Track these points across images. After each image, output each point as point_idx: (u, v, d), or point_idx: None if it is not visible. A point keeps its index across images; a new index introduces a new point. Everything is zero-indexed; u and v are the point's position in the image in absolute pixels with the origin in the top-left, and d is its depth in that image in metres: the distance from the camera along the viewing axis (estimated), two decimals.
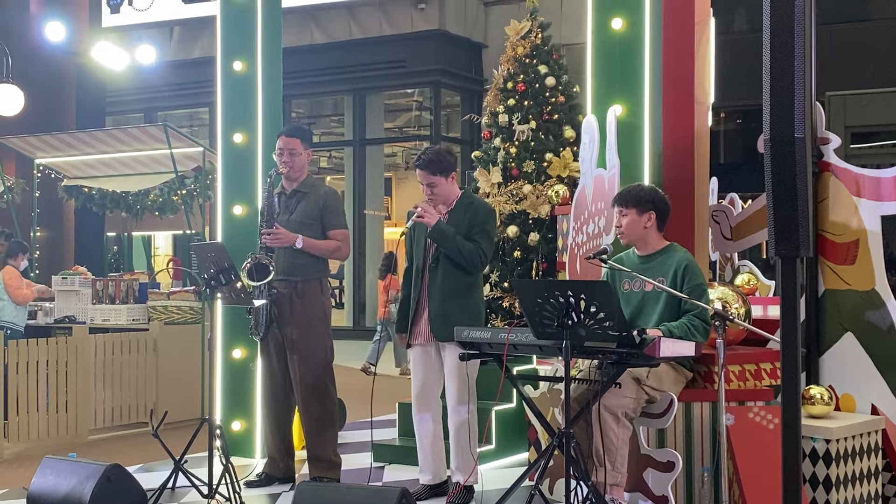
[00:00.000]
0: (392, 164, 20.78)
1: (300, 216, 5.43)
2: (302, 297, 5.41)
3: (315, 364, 5.42)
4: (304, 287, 5.42)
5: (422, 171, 5.06)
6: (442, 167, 5.06)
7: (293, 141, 5.46)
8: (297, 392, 5.44)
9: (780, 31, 2.83)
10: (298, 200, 5.47)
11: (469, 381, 4.95)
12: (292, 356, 5.41)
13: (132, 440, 7.27)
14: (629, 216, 4.57)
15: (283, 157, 5.44)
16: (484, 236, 4.99)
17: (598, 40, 5.15)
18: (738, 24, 15.89)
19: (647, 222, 4.57)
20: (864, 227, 4.76)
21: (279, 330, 5.40)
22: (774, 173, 2.83)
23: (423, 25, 16.81)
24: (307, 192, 5.49)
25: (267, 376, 5.58)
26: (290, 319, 5.39)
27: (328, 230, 5.46)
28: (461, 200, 5.10)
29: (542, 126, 7.11)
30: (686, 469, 4.46)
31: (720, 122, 16.22)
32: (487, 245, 5.00)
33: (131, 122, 17.91)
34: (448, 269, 5.00)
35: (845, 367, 4.84)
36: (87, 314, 8.29)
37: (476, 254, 4.93)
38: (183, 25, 18.44)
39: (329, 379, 5.49)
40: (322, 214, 5.45)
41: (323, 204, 5.46)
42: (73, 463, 4.55)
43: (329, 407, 5.47)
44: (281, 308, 5.38)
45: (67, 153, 9.67)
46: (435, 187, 5.05)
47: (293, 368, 5.42)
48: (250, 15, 6.30)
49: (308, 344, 5.40)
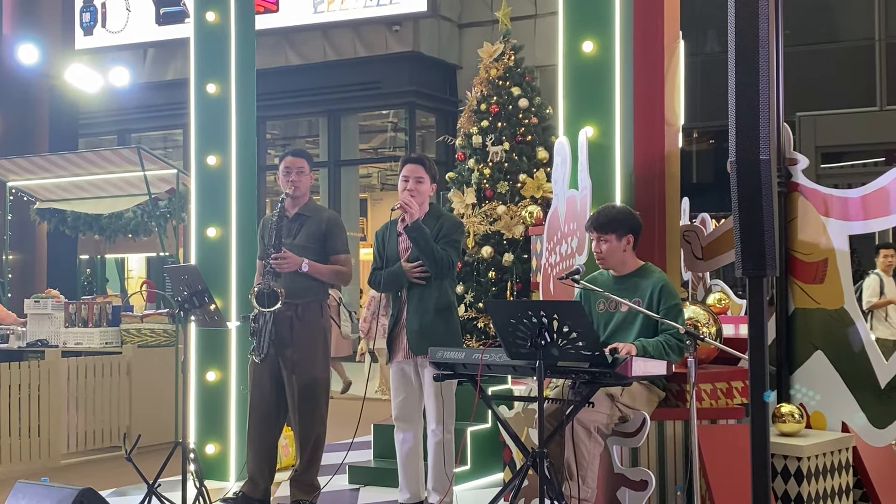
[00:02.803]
0: (367, 185, 20.77)
1: (303, 240, 5.40)
2: (302, 319, 5.38)
3: (314, 386, 5.40)
4: (305, 310, 5.39)
5: (416, 165, 5.12)
6: (433, 171, 5.18)
7: (300, 161, 5.47)
8: (295, 414, 5.40)
9: (745, 55, 2.88)
10: (301, 224, 5.44)
11: (447, 401, 4.97)
12: (290, 377, 5.38)
13: (105, 464, 7.21)
14: (609, 242, 4.58)
15: (290, 176, 5.42)
16: (451, 245, 5.05)
17: (570, 63, 5.19)
18: (710, 46, 16.05)
19: (626, 245, 4.60)
20: (833, 247, 4.82)
21: (276, 352, 5.38)
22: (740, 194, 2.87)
23: (397, 47, 16.86)
24: (310, 216, 5.47)
25: (258, 398, 5.51)
26: (289, 341, 5.37)
27: (332, 254, 5.45)
28: (431, 212, 5.16)
29: (515, 147, 7.15)
30: (659, 487, 4.49)
31: (692, 142, 16.35)
32: (455, 255, 5.07)
33: (105, 145, 17.83)
34: (427, 288, 5.03)
35: (815, 385, 4.89)
36: (59, 337, 8.23)
37: (447, 261, 4.98)
38: (156, 47, 18.41)
39: (325, 401, 5.48)
40: (325, 239, 5.43)
41: (326, 228, 5.44)
42: (46, 487, 4.50)
43: (322, 429, 5.46)
44: (280, 330, 5.36)
45: (40, 176, 9.61)
46: (421, 184, 5.10)
47: (290, 389, 5.39)
48: (224, 37, 6.31)
49: (307, 366, 5.38)
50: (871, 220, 4.74)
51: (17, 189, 10.04)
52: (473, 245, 6.99)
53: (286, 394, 5.42)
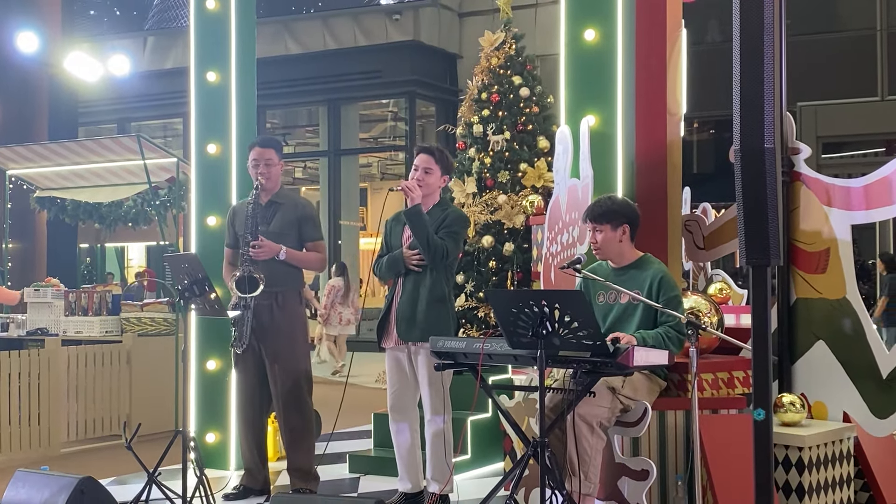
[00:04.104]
0: (367, 175, 20.76)
1: (277, 227, 5.41)
2: (282, 307, 5.39)
3: (296, 374, 5.41)
4: (284, 297, 5.41)
5: (427, 155, 5.11)
6: (446, 163, 5.16)
7: (269, 151, 5.46)
8: (277, 402, 5.42)
9: (749, 43, 2.86)
10: (275, 211, 5.45)
11: (443, 390, 4.97)
12: (272, 366, 5.39)
13: (105, 453, 7.21)
14: (604, 232, 4.57)
15: (258, 167, 5.43)
16: (451, 237, 5.02)
17: (571, 51, 5.17)
18: (711, 35, 16.02)
19: (621, 236, 4.59)
20: (835, 237, 4.81)
21: (258, 341, 5.38)
22: (744, 183, 2.86)
23: (397, 36, 16.84)
24: (283, 203, 5.47)
25: (243, 388, 5.54)
26: (270, 330, 5.37)
27: (306, 241, 5.46)
28: (438, 205, 5.14)
29: (516, 136, 7.13)
30: (660, 477, 4.48)
31: (693, 132, 16.33)
32: (452, 245, 5.02)
33: (104, 133, 17.80)
34: (422, 276, 5.01)
35: (817, 375, 4.89)
36: (59, 326, 8.22)
37: (441, 248, 4.95)
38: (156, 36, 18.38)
39: (307, 388, 5.48)
40: (300, 226, 5.45)
41: (300, 215, 5.46)
42: (46, 476, 4.51)
43: (307, 416, 5.46)
44: (260, 319, 5.36)
45: (40, 164, 9.59)
46: (429, 175, 5.08)
47: (273, 378, 5.40)
48: (224, 25, 6.29)
49: (289, 354, 5.39)
50: (873, 210, 4.72)
51: (16, 177, 10.02)
52: (474, 235, 6.97)
53: (269, 383, 5.43)
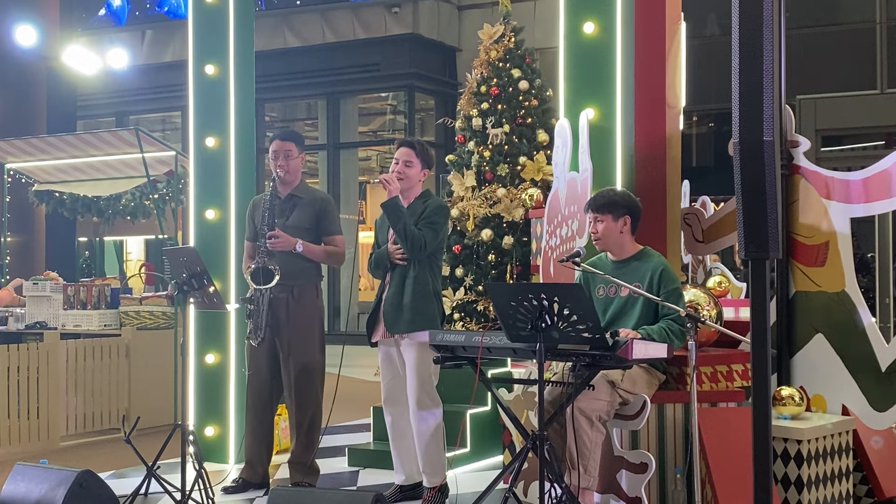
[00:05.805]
0: (366, 168, 20.73)
1: (296, 221, 5.40)
2: (298, 301, 5.39)
3: (311, 368, 5.40)
4: (301, 291, 5.40)
5: (407, 148, 5.11)
6: (426, 157, 5.14)
7: (288, 144, 5.46)
8: (289, 394, 5.41)
9: (749, 36, 2.85)
10: (294, 205, 5.44)
11: (429, 382, 4.97)
12: (287, 359, 5.38)
13: (104, 446, 7.21)
14: (605, 222, 4.59)
15: (278, 160, 5.42)
16: (429, 227, 5.00)
17: (570, 44, 5.17)
18: (710, 28, 15.99)
19: (622, 227, 4.60)
20: (834, 230, 4.81)
21: (273, 334, 5.38)
22: (743, 176, 2.85)
23: (396, 29, 16.80)
24: (302, 197, 5.46)
25: (255, 381, 5.52)
26: (286, 323, 5.37)
27: (325, 235, 5.46)
28: (419, 198, 5.13)
29: (515, 130, 7.12)
30: (659, 470, 4.49)
31: (692, 125, 16.31)
32: (431, 236, 4.99)
33: (103, 127, 17.77)
34: (407, 270, 5.01)
35: (816, 368, 4.89)
36: (58, 320, 8.22)
37: (419, 239, 4.94)
38: (155, 29, 18.35)
39: (320, 383, 5.48)
40: (319, 220, 5.44)
41: (319, 209, 5.45)
42: (45, 469, 4.51)
43: (318, 411, 5.46)
44: (276, 312, 5.36)
45: (38, 157, 9.58)
46: (410, 168, 5.08)
47: (287, 372, 5.39)
48: (222, 18, 6.27)
49: (304, 348, 5.39)
50: (872, 203, 4.73)
51: (15, 171, 10.01)
52: (473, 228, 6.97)
53: (282, 375, 5.42)
